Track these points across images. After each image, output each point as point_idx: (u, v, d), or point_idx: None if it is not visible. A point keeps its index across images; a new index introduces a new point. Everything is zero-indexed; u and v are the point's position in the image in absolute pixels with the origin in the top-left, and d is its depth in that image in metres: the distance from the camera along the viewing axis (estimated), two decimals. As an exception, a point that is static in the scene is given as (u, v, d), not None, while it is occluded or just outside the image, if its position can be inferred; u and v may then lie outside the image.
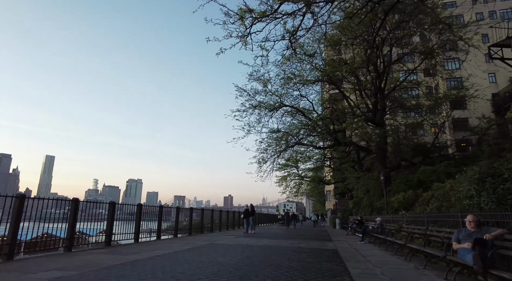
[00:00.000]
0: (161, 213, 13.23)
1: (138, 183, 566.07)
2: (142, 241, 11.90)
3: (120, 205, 10.87)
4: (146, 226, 12.64)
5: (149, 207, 12.74)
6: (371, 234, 14.05)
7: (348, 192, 40.13)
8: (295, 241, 13.83)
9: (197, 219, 18.19)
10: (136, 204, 11.83)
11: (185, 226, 16.49)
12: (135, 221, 11.56)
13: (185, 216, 17.03)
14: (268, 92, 21.96)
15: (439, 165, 17.77)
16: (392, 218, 13.55)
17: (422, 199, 12.45)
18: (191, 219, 16.40)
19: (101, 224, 10.47)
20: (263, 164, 25.91)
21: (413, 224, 10.18)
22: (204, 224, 18.69)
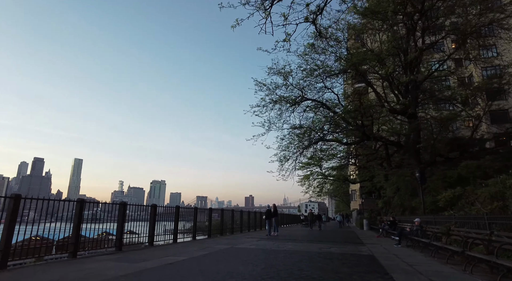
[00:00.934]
0: (178, 214, 12.32)
1: (162, 184, 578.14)
2: (157, 245, 11.05)
3: (132, 206, 10.00)
4: (162, 227, 11.77)
5: (164, 208, 11.84)
6: (409, 237, 12.52)
7: (375, 191, 38.12)
8: (323, 244, 12.55)
9: (217, 220, 17.28)
10: (150, 205, 10.96)
11: (206, 227, 15.59)
12: (149, 222, 10.69)
13: (204, 217, 16.08)
14: (289, 85, 20.71)
15: (484, 160, 15.86)
16: (434, 219, 11.97)
17: (476, 197, 10.80)
18: (210, 220, 15.45)
19: (109, 225, 9.71)
20: (285, 162, 24.67)
21: (467, 227, 8.68)
22: (224, 225, 17.73)
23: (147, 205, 11.06)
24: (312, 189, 39.35)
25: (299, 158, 24.96)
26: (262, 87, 20.89)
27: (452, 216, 9.94)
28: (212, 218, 16.42)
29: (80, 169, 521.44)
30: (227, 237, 15.78)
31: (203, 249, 10.02)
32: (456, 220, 9.41)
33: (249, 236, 16.71)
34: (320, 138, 23.33)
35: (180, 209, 12.81)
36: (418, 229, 12.15)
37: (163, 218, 12.06)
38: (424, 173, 16.63)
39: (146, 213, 11.76)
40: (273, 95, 20.76)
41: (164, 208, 11.89)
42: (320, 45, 19.90)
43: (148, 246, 10.55)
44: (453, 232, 8.95)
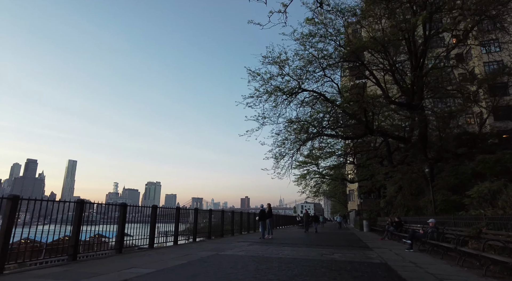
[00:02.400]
0: (155, 215, 10.57)
1: (157, 185, 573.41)
2: (126, 252, 9.31)
3: (89, 205, 8.26)
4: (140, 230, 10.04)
5: (134, 207, 10.04)
6: (423, 240, 10.89)
7: (375, 190, 36.59)
8: (325, 250, 10.87)
9: (205, 222, 15.58)
10: (118, 204, 9.21)
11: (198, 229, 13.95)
12: (118, 225, 8.94)
13: (191, 218, 14.30)
14: (285, 75, 19.05)
15: (503, 153, 14.31)
16: (453, 220, 10.34)
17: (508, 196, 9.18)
18: (195, 222, 13.71)
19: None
20: (281, 159, 23.01)
21: (504, 229, 7.05)
22: (214, 228, 16.02)
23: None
24: (309, 189, 37.81)
25: (296, 155, 23.30)
26: (255, 76, 19.22)
27: (481, 216, 8.31)
28: (199, 220, 14.75)
29: (74, 170, 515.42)
30: (215, 241, 14.04)
31: (182, 257, 8.29)
32: (488, 221, 7.79)
33: (240, 239, 15.00)
34: (319, 133, 21.70)
35: (158, 210, 11.04)
36: (433, 231, 10.53)
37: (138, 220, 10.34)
38: (433, 168, 15.07)
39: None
40: (268, 86, 19.11)
41: (134, 208, 10.09)
42: (319, 31, 18.32)
43: (116, 253, 8.80)
44: (486, 235, 7.33)
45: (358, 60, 18.51)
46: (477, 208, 12.30)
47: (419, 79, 17.98)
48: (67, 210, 7.38)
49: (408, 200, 21.22)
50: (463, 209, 13.19)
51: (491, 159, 13.85)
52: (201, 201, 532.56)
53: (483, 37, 19.29)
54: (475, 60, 31.74)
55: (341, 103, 17.84)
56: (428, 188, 17.11)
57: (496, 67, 30.75)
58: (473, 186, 14.79)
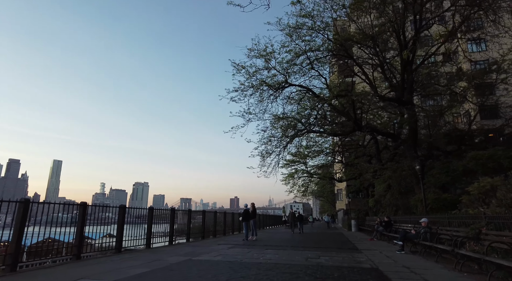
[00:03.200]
0: (123, 216, 9.50)
1: (145, 186, 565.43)
2: (87, 258, 8.25)
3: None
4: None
5: (96, 207, 8.91)
6: (415, 241, 10.17)
7: (363, 189, 36.13)
8: (311, 252, 10.02)
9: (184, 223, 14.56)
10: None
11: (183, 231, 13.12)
12: (76, 227, 7.86)
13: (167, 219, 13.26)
14: (271, 69, 18.15)
15: (495, 150, 13.76)
16: (448, 219, 9.64)
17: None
18: (172, 223, 12.67)
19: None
20: (267, 157, 22.14)
21: (508, 230, 6.32)
22: (194, 229, 15.05)
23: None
24: (296, 188, 37.05)
25: (283, 153, 22.45)
26: (240, 70, 18.26)
27: (480, 215, 7.58)
28: (177, 220, 13.77)
29: (60, 170, 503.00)
30: (194, 243, 13.04)
31: (147, 263, 7.28)
32: (488, 220, 7.06)
33: (222, 241, 14.03)
34: (306, 130, 20.90)
35: (127, 210, 9.98)
36: (426, 232, 9.82)
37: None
38: (424, 165, 14.45)
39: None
40: (253, 79, 18.19)
41: (97, 208, 8.98)
42: (306, 24, 17.51)
43: (74, 260, 7.73)
44: (487, 236, 6.59)
45: (346, 53, 17.75)
46: (469, 207, 11.72)
47: (409, 73, 17.38)
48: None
49: (397, 199, 20.66)
50: (455, 208, 12.60)
51: (483, 155, 13.29)
52: (190, 201, 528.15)
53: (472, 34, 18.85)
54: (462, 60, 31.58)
55: (329, 97, 17.03)
56: (418, 187, 16.53)
57: (482, 66, 30.69)
58: (465, 184, 14.29)
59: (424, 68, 21.02)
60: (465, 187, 15.23)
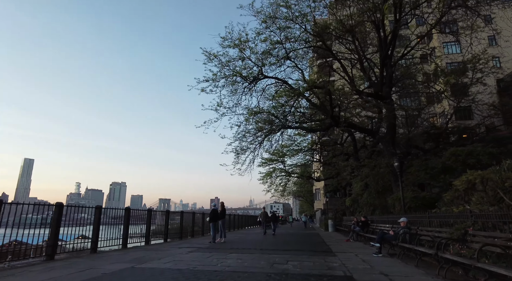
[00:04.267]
0: (59, 216, 8.05)
1: (122, 186, 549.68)
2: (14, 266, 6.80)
3: None
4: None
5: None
6: (394, 243, 9.30)
7: (341, 189, 35.70)
8: (280, 256, 8.94)
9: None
10: None
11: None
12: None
13: (129, 219, 11.77)
14: (245, 59, 17.02)
15: (474, 146, 13.24)
16: (428, 218, 8.82)
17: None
18: (127, 224, 11.25)
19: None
20: (242, 154, 20.99)
21: (500, 230, 5.45)
22: (155, 231, 13.69)
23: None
24: (274, 187, 36.12)
25: (258, 150, 21.36)
26: (212, 58, 17.04)
27: (466, 213, 6.73)
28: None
29: (31, 169, 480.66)
30: (152, 247, 11.66)
31: (78, 273, 5.94)
32: (475, 220, 6.20)
33: (186, 244, 12.73)
34: (282, 125, 19.90)
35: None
36: (405, 232, 8.97)
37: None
38: (403, 162, 13.75)
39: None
40: (226, 69, 17.00)
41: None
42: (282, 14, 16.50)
43: None
44: (475, 238, 5.71)
45: (325, 45, 16.88)
46: (449, 205, 11.05)
47: (388, 67, 16.73)
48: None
49: (375, 198, 20.05)
50: (434, 207, 11.94)
51: (463, 151, 12.71)
52: (169, 202, 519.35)
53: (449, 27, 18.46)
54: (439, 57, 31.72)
55: (305, 88, 16.05)
56: (396, 185, 15.87)
57: (458, 67, 30.96)
58: (443, 182, 13.70)
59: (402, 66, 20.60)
60: (444, 185, 14.75)
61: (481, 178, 7.10)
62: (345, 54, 19.83)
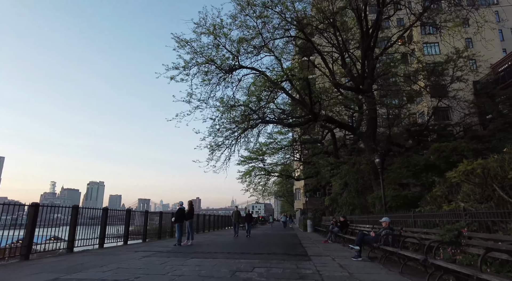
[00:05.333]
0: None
1: (100, 185, 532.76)
2: None
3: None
4: None
5: None
6: (374, 245, 8.34)
7: (320, 188, 35.03)
8: (247, 261, 7.79)
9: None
10: None
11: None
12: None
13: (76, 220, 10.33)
14: (220, 46, 15.76)
15: (458, 142, 12.58)
16: (413, 218, 7.91)
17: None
18: (74, 225, 9.76)
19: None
20: (216, 150, 19.71)
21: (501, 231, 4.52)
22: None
23: None
24: (253, 186, 35.00)
25: (235, 146, 20.14)
26: (184, 45, 15.69)
27: (459, 212, 5.80)
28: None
29: (1, 168, 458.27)
30: (104, 251, 10.22)
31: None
32: (472, 219, 5.26)
33: (146, 247, 11.36)
34: (261, 120, 18.78)
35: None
36: (388, 233, 8.03)
37: None
38: (384, 158, 12.94)
39: None
40: (198, 57, 15.70)
41: None
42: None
43: None
44: (471, 241, 4.76)
45: (304, 34, 15.87)
46: (432, 204, 10.28)
47: (369, 60, 15.95)
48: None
49: (354, 197, 19.31)
50: (416, 206, 11.18)
51: (447, 147, 12.00)
52: (149, 202, 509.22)
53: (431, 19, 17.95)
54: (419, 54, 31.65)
55: (281, 75, 14.94)
56: (377, 183, 15.10)
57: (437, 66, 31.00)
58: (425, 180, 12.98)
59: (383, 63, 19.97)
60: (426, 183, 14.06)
61: (482, 168, 6.16)
62: (325, 47, 19.00)
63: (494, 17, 37.92)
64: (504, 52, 36.53)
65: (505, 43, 39.73)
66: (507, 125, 14.11)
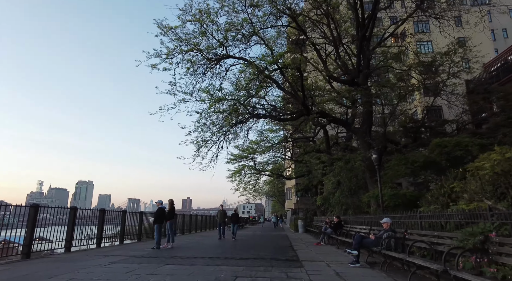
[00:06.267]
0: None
1: (89, 185, 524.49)
2: None
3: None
4: None
5: None
6: (374, 249, 7.38)
7: (312, 188, 34.15)
8: (229, 268, 6.73)
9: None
10: None
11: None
12: None
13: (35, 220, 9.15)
14: (207, 33, 14.65)
15: (461, 136, 11.76)
16: (420, 219, 6.96)
17: None
18: (32, 228, 8.55)
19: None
20: (204, 146, 18.56)
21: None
22: (87, 234, 11.07)
23: None
24: (243, 185, 33.83)
25: (223, 143, 19.03)
26: (167, 32, 14.54)
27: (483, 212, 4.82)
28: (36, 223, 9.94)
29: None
30: (68, 255, 9.02)
31: None
32: (501, 221, 4.31)
33: (121, 250, 10.20)
34: (250, 114, 17.72)
35: None
36: (390, 236, 7.07)
37: None
38: (382, 154, 12.02)
39: None
40: (183, 44, 14.57)
41: None
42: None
43: None
44: (504, 248, 3.82)
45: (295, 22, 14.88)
46: (434, 204, 9.44)
47: (365, 51, 15.06)
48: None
49: (347, 196, 18.45)
50: (415, 206, 10.34)
51: (450, 142, 11.14)
52: (139, 202, 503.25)
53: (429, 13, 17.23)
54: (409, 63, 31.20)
55: (271, 61, 13.84)
56: (373, 181, 14.23)
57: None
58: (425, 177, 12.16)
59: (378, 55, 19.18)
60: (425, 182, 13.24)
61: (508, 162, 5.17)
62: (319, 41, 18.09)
63: (487, 17, 37.78)
64: (496, 52, 36.30)
65: (497, 43, 39.58)
66: (510, 120, 13.37)
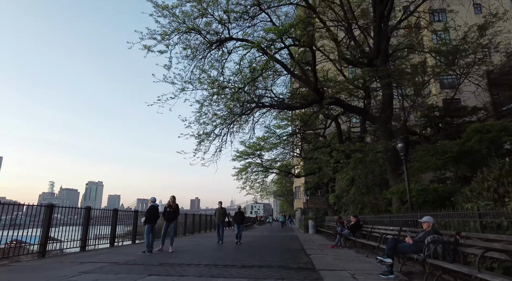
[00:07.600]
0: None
1: (99, 185, 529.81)
2: None
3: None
4: None
5: None
6: (416, 257, 5.76)
7: (322, 186, 32.43)
8: (228, 280, 5.23)
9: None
10: None
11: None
12: None
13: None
14: (207, 14, 13.19)
15: (505, 120, 10.02)
16: (479, 218, 5.32)
17: None
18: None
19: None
20: (206, 140, 17.12)
21: None
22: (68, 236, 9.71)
23: None
24: (249, 183, 32.22)
25: (227, 136, 17.59)
26: (163, 12, 13.10)
27: None
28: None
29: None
30: (36, 263, 7.60)
31: None
32: None
33: (106, 254, 8.77)
34: (256, 104, 16.19)
35: None
36: (436, 241, 5.44)
37: None
38: (408, 144, 10.34)
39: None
40: (181, 25, 13.11)
41: None
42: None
43: None
44: None
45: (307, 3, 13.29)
46: (476, 199, 7.82)
47: (383, 31, 13.36)
48: None
49: (364, 194, 16.76)
50: (446, 203, 8.76)
51: (494, 126, 9.39)
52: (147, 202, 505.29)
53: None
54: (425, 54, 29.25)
55: (281, 29, 12.09)
56: (396, 175, 12.52)
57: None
58: (463, 170, 10.46)
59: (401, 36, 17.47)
60: (455, 176, 11.54)
61: None
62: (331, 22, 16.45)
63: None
64: (521, 40, 34.07)
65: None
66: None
